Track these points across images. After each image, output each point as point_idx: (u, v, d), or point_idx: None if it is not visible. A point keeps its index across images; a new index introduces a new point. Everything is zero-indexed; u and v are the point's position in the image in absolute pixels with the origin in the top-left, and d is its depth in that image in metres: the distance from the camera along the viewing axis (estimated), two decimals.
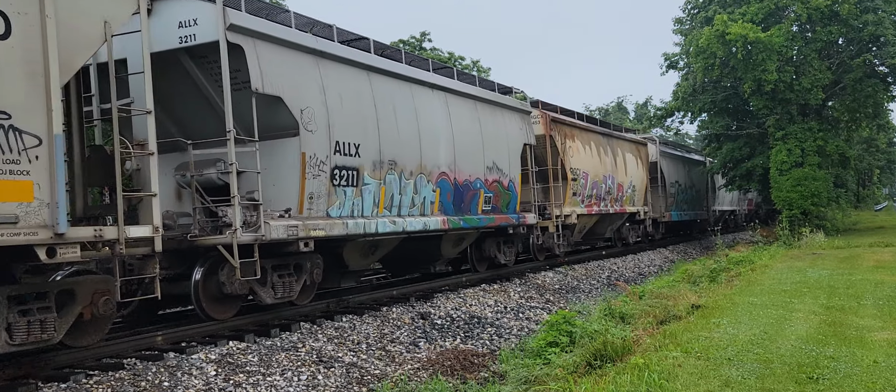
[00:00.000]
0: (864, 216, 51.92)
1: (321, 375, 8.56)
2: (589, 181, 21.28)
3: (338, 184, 10.97)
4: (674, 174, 31.25)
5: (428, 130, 13.32)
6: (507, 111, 16.67)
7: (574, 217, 19.89)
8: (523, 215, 16.92)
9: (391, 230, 12.12)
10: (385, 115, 12.10)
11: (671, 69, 32.40)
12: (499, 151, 15.90)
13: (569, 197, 19.77)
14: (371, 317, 11.32)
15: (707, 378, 6.95)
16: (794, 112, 28.16)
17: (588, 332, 9.52)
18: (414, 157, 12.83)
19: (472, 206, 14.85)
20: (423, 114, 13.25)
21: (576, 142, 20.72)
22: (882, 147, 60.57)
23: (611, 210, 23.11)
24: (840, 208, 39.54)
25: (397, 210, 12.41)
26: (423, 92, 13.46)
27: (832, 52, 28.82)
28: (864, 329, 9.05)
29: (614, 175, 23.47)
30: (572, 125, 20.92)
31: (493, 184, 15.60)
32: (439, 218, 13.50)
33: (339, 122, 10.97)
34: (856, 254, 19.85)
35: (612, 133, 24.66)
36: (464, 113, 14.72)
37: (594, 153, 22.06)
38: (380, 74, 12.22)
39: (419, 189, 12.96)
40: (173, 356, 8.30)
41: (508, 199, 16.33)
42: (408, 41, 37.23)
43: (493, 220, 15.50)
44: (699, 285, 15.12)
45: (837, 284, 13.31)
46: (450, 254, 15.35)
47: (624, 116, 66.87)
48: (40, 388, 7.09)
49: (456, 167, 14.13)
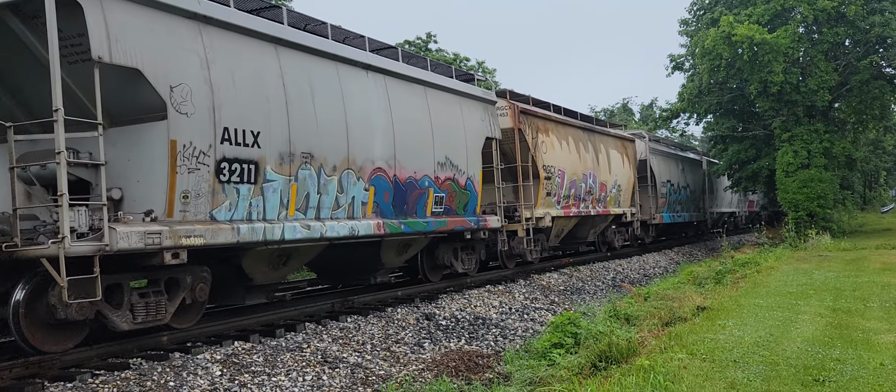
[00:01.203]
0: (870, 218, 51.69)
1: (326, 376, 8.57)
2: (566, 180, 19.35)
3: (227, 180, 9.03)
4: (665, 173, 29.26)
5: (359, 119, 11.40)
6: (465, 100, 14.69)
7: (548, 219, 18.00)
8: (484, 218, 15.11)
9: (306, 237, 10.20)
10: (298, 99, 10.20)
11: (677, 70, 32.39)
12: (454, 145, 13.99)
13: (542, 197, 17.88)
14: (376, 317, 11.33)
15: (712, 380, 6.93)
16: (800, 113, 28.08)
17: (593, 334, 9.51)
18: (339, 150, 10.95)
19: (419, 208, 12.94)
20: (354, 99, 11.32)
21: (550, 136, 18.71)
22: (889, 149, 60.27)
23: (592, 212, 21.19)
24: (846, 210, 39.41)
25: (315, 212, 10.55)
26: (354, 74, 11.53)
27: (839, 53, 28.73)
28: (871, 331, 9.02)
29: (596, 173, 21.54)
30: (546, 118, 18.81)
31: (446, 182, 13.71)
32: (373, 221, 11.63)
33: (231, 105, 9.04)
34: (862, 256, 19.78)
35: (595, 128, 22.43)
36: (409, 100, 12.76)
37: (572, 149, 20.08)
38: (292, 49, 10.28)
39: (346, 187, 11.10)
40: (179, 356, 8.33)
41: (466, 199, 14.44)
42: (413, 42, 37.25)
43: (445, 223, 13.60)
44: (704, 287, 15.08)
45: (844, 286, 13.26)
46: (393, 262, 13.45)
47: (629, 118, 66.71)
48: (47, 387, 7.12)
49: (397, 163, 12.24)
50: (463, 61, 38.05)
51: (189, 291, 9.05)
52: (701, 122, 33.11)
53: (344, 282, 14.08)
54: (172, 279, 8.90)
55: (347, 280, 13.86)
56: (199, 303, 9.29)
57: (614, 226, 23.99)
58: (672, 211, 29.69)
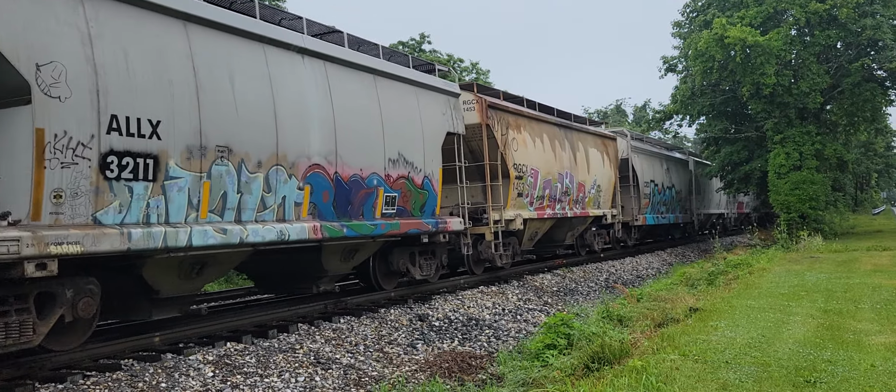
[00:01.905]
0: (861, 220, 51.98)
1: (319, 377, 8.56)
2: (539, 180, 18.24)
3: (116, 176, 7.75)
4: (649, 173, 28.05)
5: (291, 109, 10.18)
6: (423, 91, 13.47)
7: (519, 222, 16.94)
8: (444, 220, 13.85)
9: (221, 242, 8.93)
10: (213, 84, 8.93)
11: (670, 72, 32.49)
12: (408, 140, 12.78)
13: (512, 198, 16.83)
14: (369, 318, 11.32)
15: (704, 381, 6.95)
16: (792, 116, 28.22)
17: (586, 335, 9.52)
18: (265, 144, 9.72)
19: (366, 209, 11.76)
20: (285, 87, 10.11)
21: (522, 133, 17.57)
22: (880, 151, 60.68)
23: (569, 213, 20.04)
24: (838, 212, 39.58)
25: (235, 214, 9.29)
26: (287, 59, 10.32)
27: (831, 56, 28.89)
28: (862, 333, 9.06)
29: (573, 173, 20.34)
30: (517, 113, 17.67)
31: (400, 181, 12.50)
32: (308, 224, 10.38)
33: (122, 89, 7.81)
34: (853, 257, 19.87)
35: (572, 125, 21.12)
36: (353, 89, 11.54)
37: (547, 147, 18.89)
38: (207, 28, 9.01)
39: (274, 186, 9.85)
40: (171, 357, 8.30)
41: (423, 200, 13.23)
42: (407, 43, 37.23)
43: (398, 226, 12.37)
44: (697, 288, 15.13)
45: (835, 288, 13.32)
46: (338, 269, 12.14)
47: (623, 119, 66.90)
48: (37, 388, 7.08)
49: (339, 159, 11.04)
50: (457, 62, 38.07)
51: (69, 308, 7.62)
52: (694, 123, 33.23)
53: (286, 291, 12.73)
54: (46, 294, 7.48)
55: (289, 289, 12.54)
56: (85, 320, 7.90)
57: (594, 228, 23.10)
58: (656, 212, 28.74)
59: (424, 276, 13.92)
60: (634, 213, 25.90)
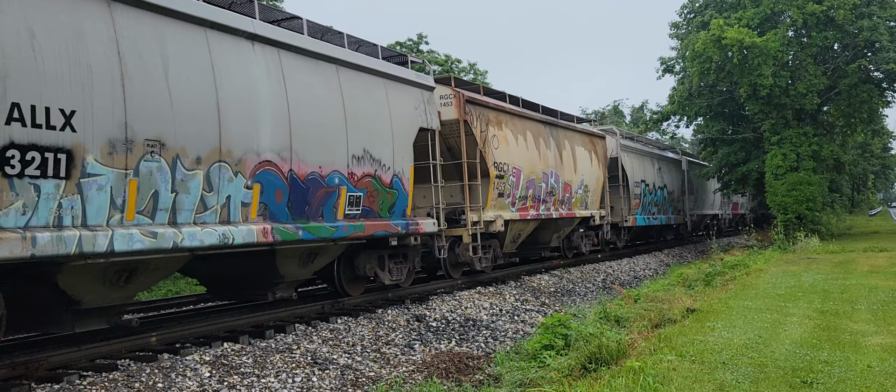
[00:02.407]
0: (858, 221, 52.08)
1: (316, 377, 8.55)
2: (522, 179, 17.37)
3: (18, 173, 6.88)
4: (639, 172, 27.31)
5: (238, 100, 9.27)
6: (393, 84, 12.62)
7: (499, 223, 16.01)
8: (416, 221, 13.00)
9: (151, 247, 7.98)
10: (142, 71, 8.01)
11: (667, 73, 32.54)
12: (375, 136, 11.95)
13: (492, 198, 15.97)
14: (366, 319, 11.31)
15: (701, 381, 6.96)
16: (789, 117, 28.28)
17: (583, 335, 9.53)
18: (205, 138, 8.77)
19: (327, 210, 10.90)
20: (230, 75, 9.22)
21: (503, 130, 16.68)
22: (877, 152, 60.80)
23: (555, 214, 19.15)
24: (835, 213, 39.67)
25: (169, 215, 8.34)
26: (233, 45, 9.39)
27: (827, 57, 28.96)
28: (859, 333, 9.07)
29: (559, 172, 19.47)
30: (499, 109, 16.77)
31: (365, 180, 11.64)
32: (257, 226, 9.46)
33: (26, 74, 6.94)
34: (850, 258, 19.91)
35: (558, 122, 20.18)
36: (313, 80, 10.69)
37: (530, 145, 17.99)
38: (135, 8, 8.15)
39: (216, 184, 8.92)
40: (167, 357, 8.29)
41: (392, 200, 12.40)
42: (404, 43, 37.23)
43: (362, 228, 11.49)
44: (694, 289, 15.14)
45: (832, 289, 13.34)
46: (297, 274, 11.24)
47: (620, 120, 66.98)
48: (34, 388, 7.07)
49: (294, 155, 10.19)
50: (455, 63, 38.06)
51: None
52: (691, 124, 33.29)
53: (239, 297, 11.93)
54: None
55: (243, 295, 11.69)
56: None
57: (582, 229, 22.26)
58: (647, 213, 27.90)
59: (395, 281, 13.09)
60: (624, 214, 25.25)
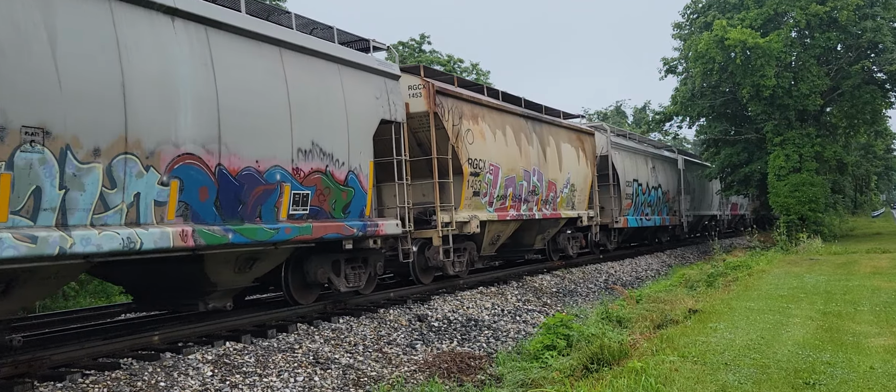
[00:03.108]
0: (861, 222, 52.00)
1: (318, 377, 8.56)
2: (501, 177, 16.22)
3: None
4: (632, 171, 26.12)
5: (150, 82, 8.07)
6: (350, 71, 11.50)
7: (475, 224, 14.83)
8: (376, 223, 11.90)
9: (29, 253, 6.83)
10: (18, 46, 6.87)
11: (670, 74, 32.50)
12: (327, 128, 10.82)
13: (467, 197, 14.82)
14: (368, 318, 11.32)
15: (703, 382, 6.96)
16: (792, 118, 28.25)
17: (585, 336, 9.53)
18: (107, 125, 7.61)
19: (266, 210, 9.71)
20: (141, 54, 7.98)
21: (480, 124, 15.51)
22: (879, 153, 60.72)
23: (537, 215, 18.02)
24: (837, 214, 39.62)
25: (57, 216, 7.18)
26: (145, 19, 8.20)
27: (831, 58, 28.93)
28: (861, 335, 9.06)
29: (542, 170, 18.31)
30: (474, 102, 15.57)
31: (314, 176, 10.51)
32: (173, 229, 8.27)
33: None
34: (853, 260, 19.88)
35: (542, 117, 18.93)
36: (248, 64, 9.49)
37: (510, 141, 16.82)
38: None
39: (121, 180, 7.72)
40: (170, 356, 8.30)
41: (347, 198, 11.27)
42: (407, 43, 37.21)
43: (309, 230, 10.34)
44: (696, 290, 15.14)
45: (834, 290, 13.33)
46: (234, 282, 10.18)
47: (622, 120, 66.91)
48: (36, 387, 7.08)
49: (224, 148, 8.98)
50: (457, 63, 38.04)
51: None
52: (694, 125, 33.26)
53: (169, 307, 10.73)
54: None
55: (172, 305, 10.53)
56: None
57: (569, 231, 21.07)
58: (639, 214, 26.75)
59: (352, 288, 12.08)
60: (615, 215, 24.15)
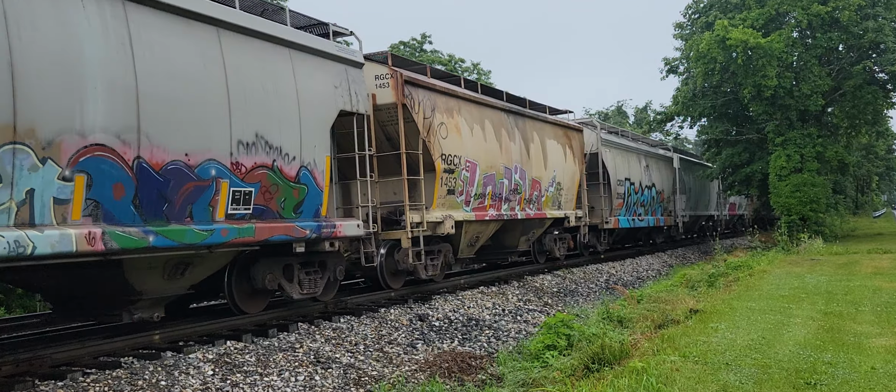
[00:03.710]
0: (862, 223, 51.98)
1: (318, 376, 8.56)
2: (478, 174, 15.28)
3: None
4: (623, 169, 25.08)
5: (47, 60, 7.09)
6: (303, 56, 10.43)
7: (449, 224, 13.85)
8: (334, 223, 10.88)
9: None
10: None
11: (671, 74, 32.51)
12: (274, 119, 9.73)
13: (440, 196, 13.87)
14: (369, 318, 11.32)
15: (705, 382, 6.95)
16: (793, 118, 28.24)
17: (586, 336, 9.53)
18: None
19: (199, 209, 8.60)
20: (33, 27, 7.03)
21: (455, 118, 14.51)
22: (881, 154, 60.74)
23: (520, 215, 17.14)
24: (838, 215, 39.57)
25: None
26: None
27: (832, 58, 28.92)
28: (862, 335, 9.06)
29: (526, 168, 17.40)
30: (449, 94, 14.57)
31: (258, 172, 9.43)
32: (80, 230, 7.27)
33: None
34: (854, 260, 19.87)
35: (524, 112, 17.97)
36: (176, 44, 8.37)
37: (490, 136, 15.88)
38: None
39: (9, 174, 6.74)
40: (170, 355, 8.30)
41: (299, 197, 10.23)
42: (408, 43, 37.20)
43: (252, 231, 9.28)
44: (697, 290, 15.13)
45: (835, 290, 13.32)
46: (163, 290, 9.15)
47: (624, 120, 66.88)
48: (37, 386, 7.09)
49: (145, 138, 7.93)
50: (458, 63, 38.03)
51: None
52: (695, 125, 33.26)
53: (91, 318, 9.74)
54: None
55: (94, 315, 9.54)
56: None
57: (556, 232, 20.18)
58: (632, 214, 25.71)
59: (307, 295, 11.05)
60: (605, 215, 23.28)
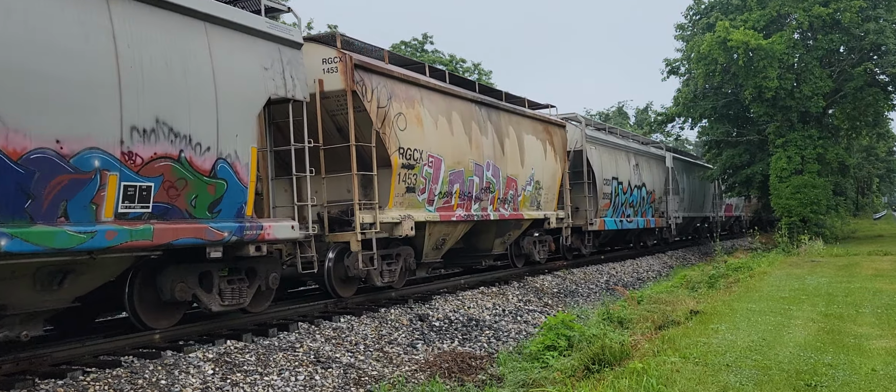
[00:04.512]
0: (862, 224, 51.97)
1: (318, 376, 8.56)
2: (444, 171, 13.91)
3: None
4: (610, 168, 23.77)
5: None
6: (222, 31, 9.09)
7: (408, 226, 12.53)
8: (261, 224, 9.45)
9: None
10: None
11: (672, 75, 32.50)
12: (183, 102, 8.45)
13: (397, 194, 12.63)
14: (369, 318, 11.32)
15: (705, 384, 6.95)
16: (794, 119, 28.23)
17: (586, 336, 9.53)
18: None
19: (76, 207, 7.32)
20: None
21: (416, 108, 13.17)
22: (881, 156, 60.70)
23: (493, 215, 15.80)
24: (839, 216, 39.52)
25: None
26: None
27: (833, 60, 28.90)
28: (863, 337, 9.06)
29: (499, 164, 16.04)
30: (410, 82, 13.20)
31: (159, 163, 8.15)
32: None
33: None
34: (854, 262, 19.86)
35: (499, 104, 16.57)
36: (41, 8, 7.07)
37: (458, 129, 14.51)
38: None
39: None
40: (171, 354, 8.30)
41: (216, 194, 8.89)
42: (409, 43, 37.19)
43: (150, 233, 7.97)
44: (698, 291, 15.12)
45: (836, 292, 13.32)
46: (37, 304, 7.66)
47: (625, 121, 66.88)
48: (38, 384, 7.09)
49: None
50: (459, 63, 38.04)
51: None
52: (696, 126, 33.26)
53: None
54: None
55: None
56: None
57: (536, 233, 18.82)
58: (619, 215, 24.41)
59: (231, 307, 9.62)
60: (590, 216, 21.89)
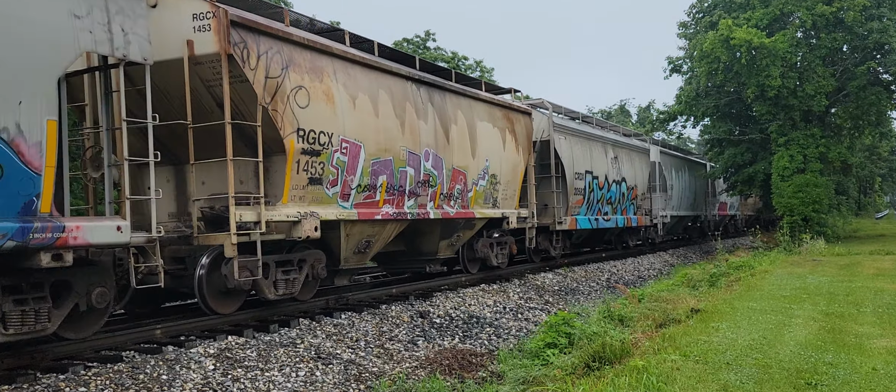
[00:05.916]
0: (864, 224, 51.89)
1: (319, 372, 8.57)
2: (364, 159, 11.42)
3: None
4: (583, 160, 21.09)
5: None
6: None
7: (311, 225, 10.20)
8: (62, 224, 6.85)
9: None
10: None
11: (675, 73, 32.48)
12: None
13: (296, 185, 10.29)
14: (370, 314, 11.32)
15: (705, 382, 6.96)
16: (796, 118, 28.20)
17: (587, 334, 9.53)
18: None
19: None
20: None
21: (325, 82, 10.62)
22: (884, 155, 60.61)
23: (434, 214, 13.38)
24: (841, 215, 39.50)
25: None
26: None
27: (836, 59, 28.86)
28: (864, 336, 9.05)
29: (442, 154, 13.53)
30: (316, 49, 10.68)
31: None
32: None
33: None
34: (856, 261, 19.85)
35: (444, 84, 14.00)
36: None
37: (386, 111, 11.96)
38: None
39: None
40: (172, 349, 8.32)
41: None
42: (411, 40, 37.16)
43: None
44: (699, 289, 15.12)
45: (837, 291, 13.31)
46: None
47: (626, 119, 66.77)
48: (39, 378, 7.10)
49: None
50: (461, 60, 37.99)
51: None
52: (698, 124, 33.23)
53: None
54: None
55: None
56: None
57: (496, 234, 16.41)
58: (595, 212, 22.00)
59: (20, 336, 6.98)
60: (559, 214, 19.44)
